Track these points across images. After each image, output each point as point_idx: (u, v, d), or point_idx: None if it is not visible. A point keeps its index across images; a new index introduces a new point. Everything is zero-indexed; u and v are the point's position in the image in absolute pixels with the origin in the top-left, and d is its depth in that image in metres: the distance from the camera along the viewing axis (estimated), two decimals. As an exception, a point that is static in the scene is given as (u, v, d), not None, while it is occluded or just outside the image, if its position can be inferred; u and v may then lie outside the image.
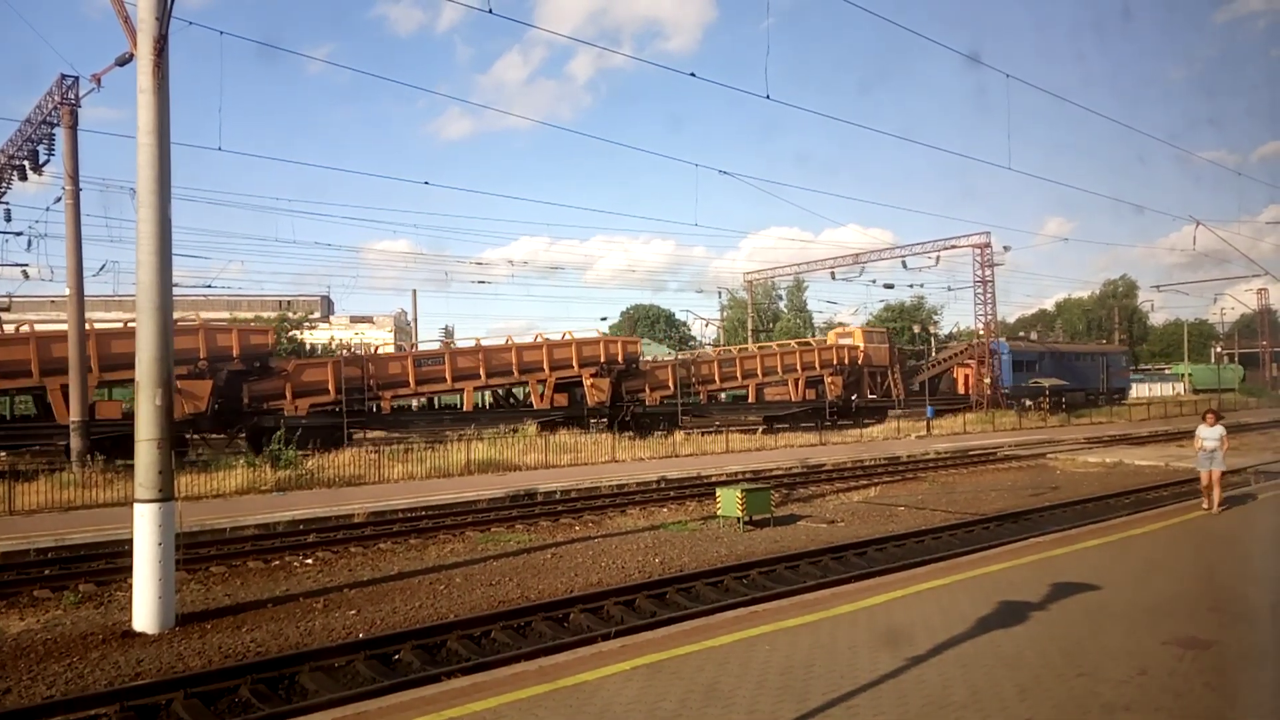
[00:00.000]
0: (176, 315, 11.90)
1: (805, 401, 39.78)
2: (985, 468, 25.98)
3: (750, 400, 38.79)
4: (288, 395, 26.31)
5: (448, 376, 29.74)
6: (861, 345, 43.50)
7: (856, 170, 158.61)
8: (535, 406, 31.71)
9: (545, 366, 31.67)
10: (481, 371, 30.42)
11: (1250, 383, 78.15)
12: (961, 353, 50.21)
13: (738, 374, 38.12)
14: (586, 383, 32.40)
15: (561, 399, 32.06)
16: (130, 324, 24.01)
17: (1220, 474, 13.33)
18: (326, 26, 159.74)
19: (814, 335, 63.62)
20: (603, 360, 32.94)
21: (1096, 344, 70.03)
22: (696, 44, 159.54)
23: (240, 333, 27.05)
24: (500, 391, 33.21)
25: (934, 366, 49.87)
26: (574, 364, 32.21)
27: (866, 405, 42.26)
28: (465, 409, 31.04)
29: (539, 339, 32.96)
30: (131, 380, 21.50)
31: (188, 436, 24.87)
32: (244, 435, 26.48)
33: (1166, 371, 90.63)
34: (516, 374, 31.49)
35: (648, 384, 34.62)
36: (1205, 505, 13.41)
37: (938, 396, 47.49)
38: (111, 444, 22.05)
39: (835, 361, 41.16)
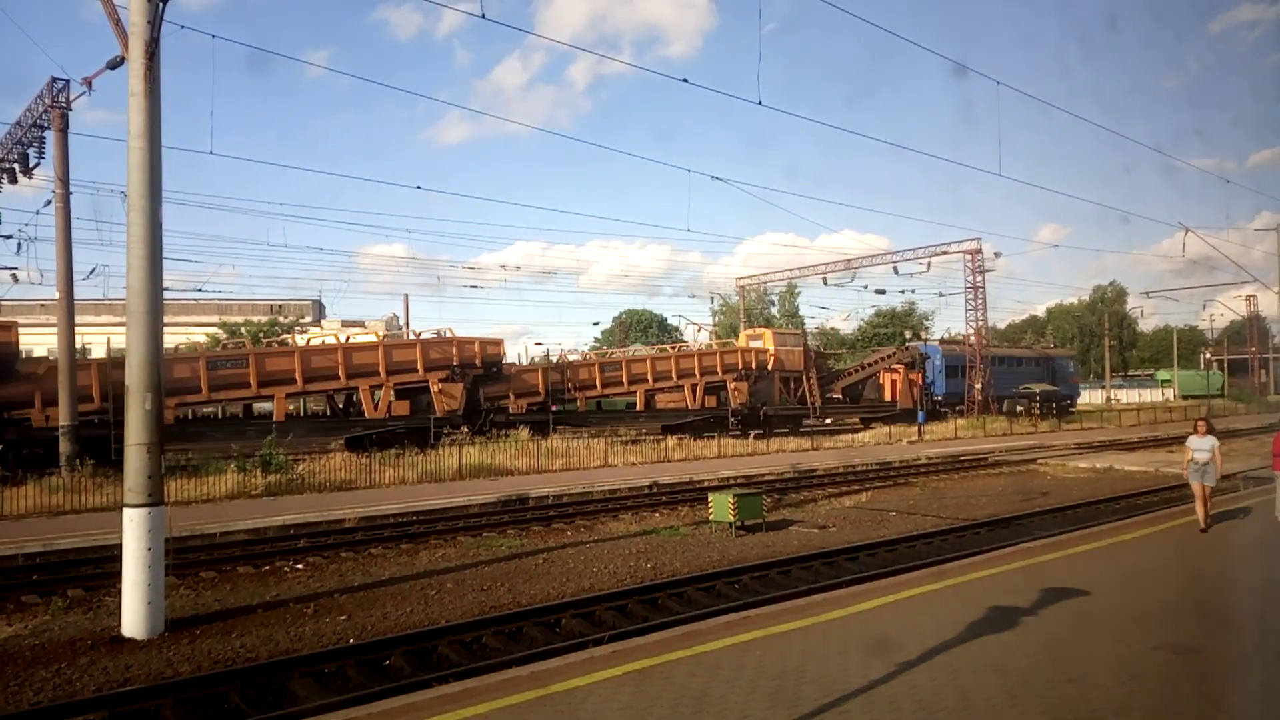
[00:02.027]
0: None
1: (704, 409, 36.46)
2: (976, 473, 26.05)
3: (639, 407, 35.69)
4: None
5: (252, 381, 25.97)
6: (772, 349, 40.07)
7: (852, 177, 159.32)
8: (367, 415, 28.33)
9: (382, 370, 28.33)
10: (298, 376, 26.72)
11: (1238, 388, 78.62)
12: (888, 357, 46.62)
13: (623, 379, 34.94)
14: (434, 388, 29.15)
15: (403, 407, 28.81)
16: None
17: (1212, 490, 12.45)
18: (326, 30, 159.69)
19: (805, 340, 62.24)
20: (456, 363, 29.85)
21: (1042, 348, 65.23)
22: (696, 51, 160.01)
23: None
24: (338, 399, 30.33)
25: (856, 372, 46.35)
26: (419, 368, 29.14)
27: (777, 414, 38.82)
28: (277, 419, 26.49)
29: (381, 338, 30.60)
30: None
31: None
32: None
33: (1148, 377, 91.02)
34: (344, 379, 27.82)
35: (512, 389, 31.66)
36: (1201, 525, 12.35)
37: (861, 404, 45.27)
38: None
39: (741, 366, 38.02)
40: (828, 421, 41.92)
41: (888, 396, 45.31)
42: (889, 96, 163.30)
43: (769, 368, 39.54)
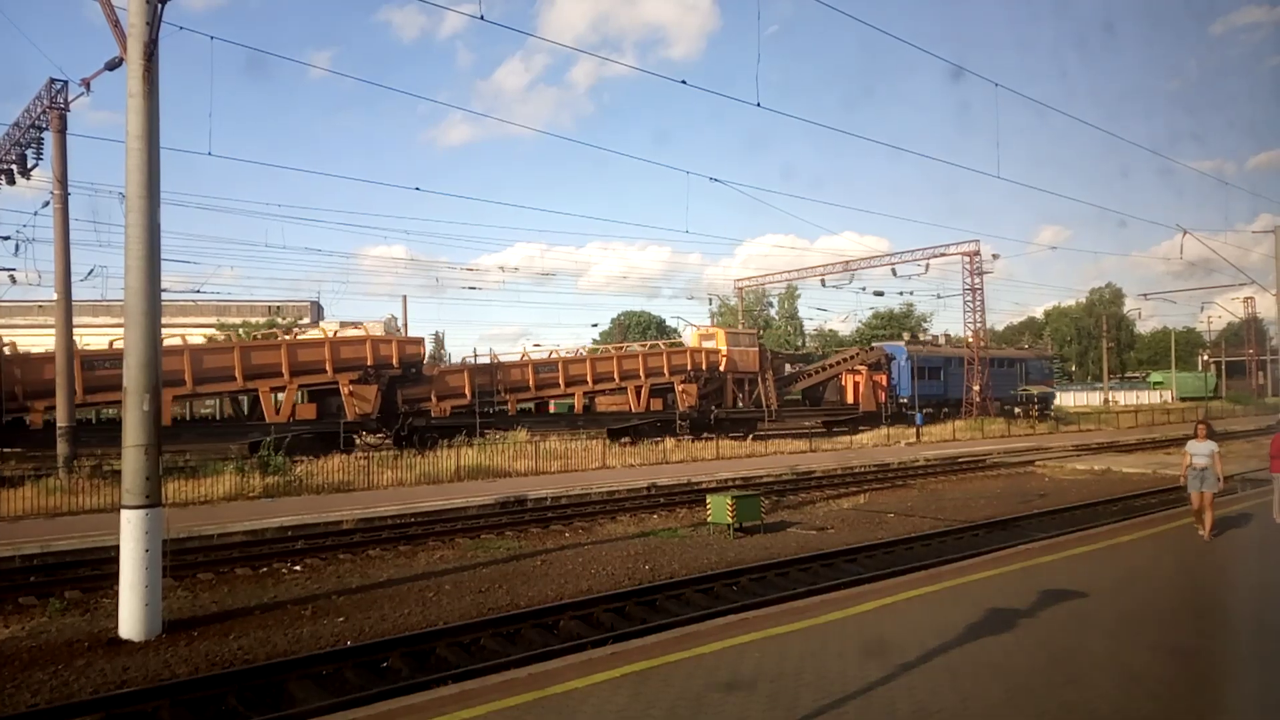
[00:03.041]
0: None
1: (650, 412, 34.47)
2: (974, 475, 26.08)
3: (577, 410, 33.71)
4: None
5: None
6: (724, 349, 37.87)
7: (852, 179, 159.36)
8: (268, 419, 26.26)
9: (285, 371, 26.50)
10: (187, 377, 24.84)
11: (1236, 390, 78.75)
12: (852, 358, 44.59)
13: (560, 380, 32.93)
14: (345, 390, 27.14)
15: (310, 410, 27.37)
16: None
17: (1213, 496, 11.91)
18: (330, 31, 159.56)
19: (803, 341, 60.98)
20: (370, 364, 27.88)
21: (1016, 349, 62.43)
22: (699, 52, 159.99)
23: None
24: (242, 401, 28.45)
25: (817, 373, 44.13)
26: (328, 368, 27.21)
27: (729, 417, 36.84)
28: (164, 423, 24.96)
29: (283, 338, 29.11)
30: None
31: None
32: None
33: (1140, 379, 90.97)
34: (241, 380, 26.02)
35: (434, 391, 29.71)
36: (1201, 532, 11.97)
37: (822, 407, 43.28)
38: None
39: (690, 367, 35.96)
40: (785, 425, 39.34)
41: (850, 399, 43.38)
42: (887, 98, 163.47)
43: (721, 369, 37.47)
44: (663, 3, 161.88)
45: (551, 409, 35.11)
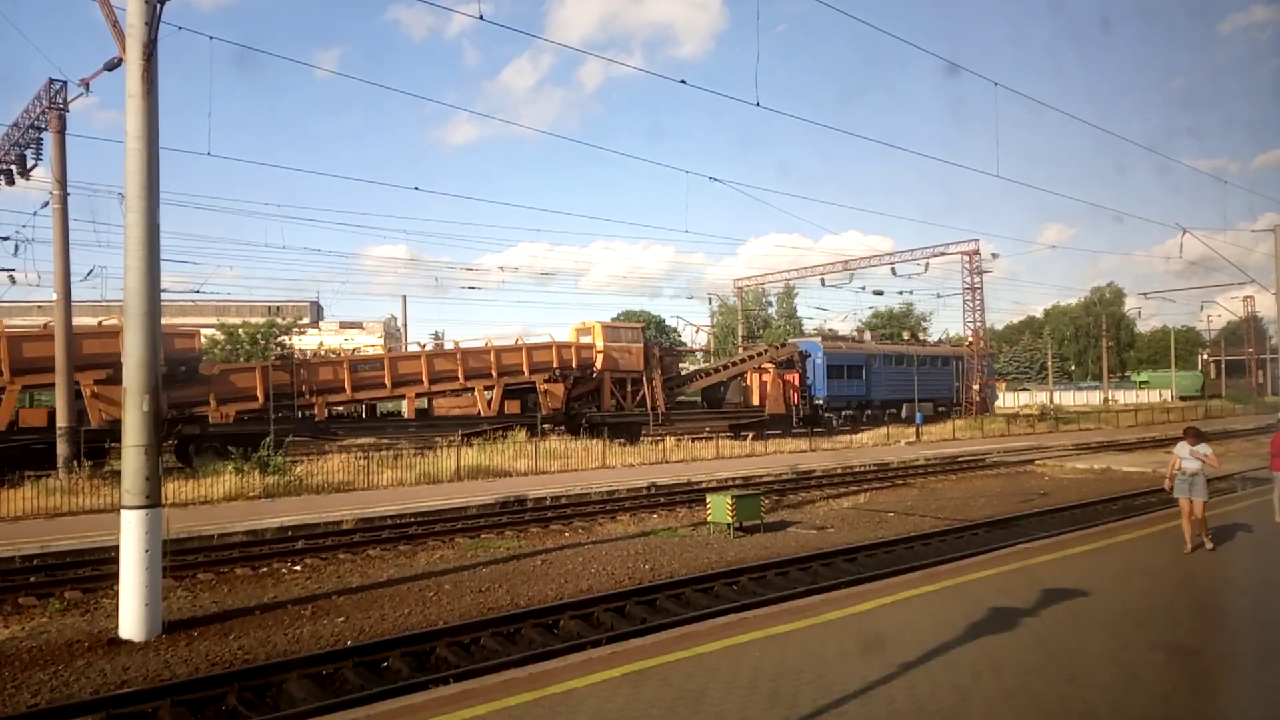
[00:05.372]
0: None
1: (504, 416, 30.34)
2: (973, 474, 26.08)
3: (408, 414, 29.60)
4: None
5: None
6: (600, 345, 33.74)
7: (854, 179, 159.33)
8: None
9: (5, 370, 21.78)
10: None
11: (1235, 389, 78.76)
12: (758, 355, 40.39)
13: (385, 380, 28.37)
14: (87, 392, 22.38)
15: (37, 416, 22.46)
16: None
17: (1203, 505, 10.96)
18: (338, 30, 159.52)
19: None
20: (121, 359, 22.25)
21: (950, 347, 56.58)
22: (707, 52, 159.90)
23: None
24: None
25: (717, 373, 39.65)
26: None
27: (605, 421, 32.66)
28: None
29: None
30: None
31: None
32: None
33: (1123, 379, 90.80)
34: None
35: (214, 393, 24.92)
36: (1187, 548, 10.95)
37: (722, 409, 38.94)
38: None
39: (556, 364, 32.05)
40: (675, 429, 35.75)
41: (756, 400, 39.23)
42: (887, 97, 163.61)
43: (597, 367, 33.53)
44: (671, 2, 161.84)
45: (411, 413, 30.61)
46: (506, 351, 31.46)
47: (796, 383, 40.01)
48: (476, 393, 30.42)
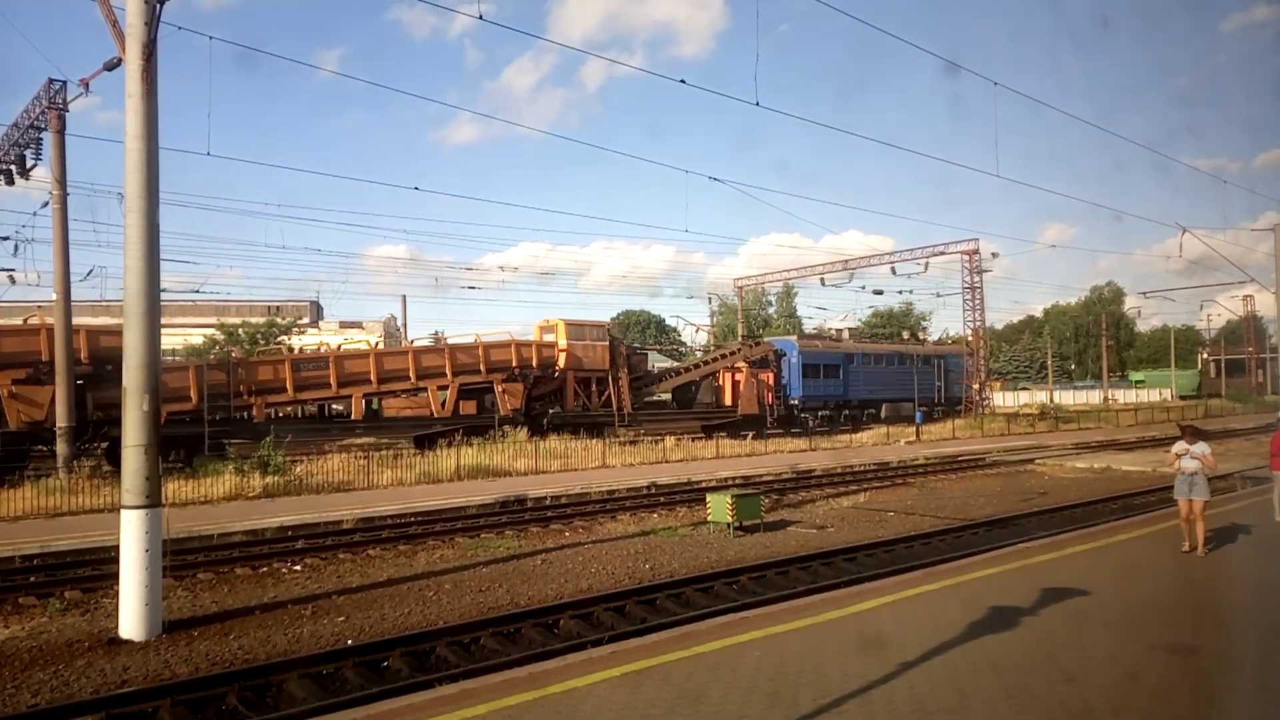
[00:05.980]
0: None
1: (459, 417, 29.34)
2: (973, 473, 26.09)
3: (354, 415, 28.12)
4: None
5: None
6: (564, 344, 32.66)
7: (855, 178, 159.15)
8: None
9: None
10: None
11: (1235, 388, 78.76)
12: (731, 354, 39.21)
13: (331, 380, 27.03)
14: (4, 393, 21.15)
15: None
16: None
17: (1204, 505, 10.88)
18: (340, 30, 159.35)
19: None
20: (44, 359, 21.43)
21: (934, 345, 56.31)
22: (709, 52, 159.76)
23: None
24: None
25: (687, 372, 38.44)
26: None
27: (568, 421, 31.84)
28: None
29: None
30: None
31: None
32: None
33: (1120, 378, 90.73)
34: None
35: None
36: (1185, 546, 10.93)
37: (693, 410, 37.66)
38: None
39: (516, 363, 30.94)
40: (641, 430, 34.21)
41: (728, 400, 38.19)
42: (887, 96, 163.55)
43: (559, 366, 32.52)
44: (674, 1, 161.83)
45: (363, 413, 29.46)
46: (462, 350, 30.38)
47: (771, 382, 39.08)
48: (430, 393, 29.32)
